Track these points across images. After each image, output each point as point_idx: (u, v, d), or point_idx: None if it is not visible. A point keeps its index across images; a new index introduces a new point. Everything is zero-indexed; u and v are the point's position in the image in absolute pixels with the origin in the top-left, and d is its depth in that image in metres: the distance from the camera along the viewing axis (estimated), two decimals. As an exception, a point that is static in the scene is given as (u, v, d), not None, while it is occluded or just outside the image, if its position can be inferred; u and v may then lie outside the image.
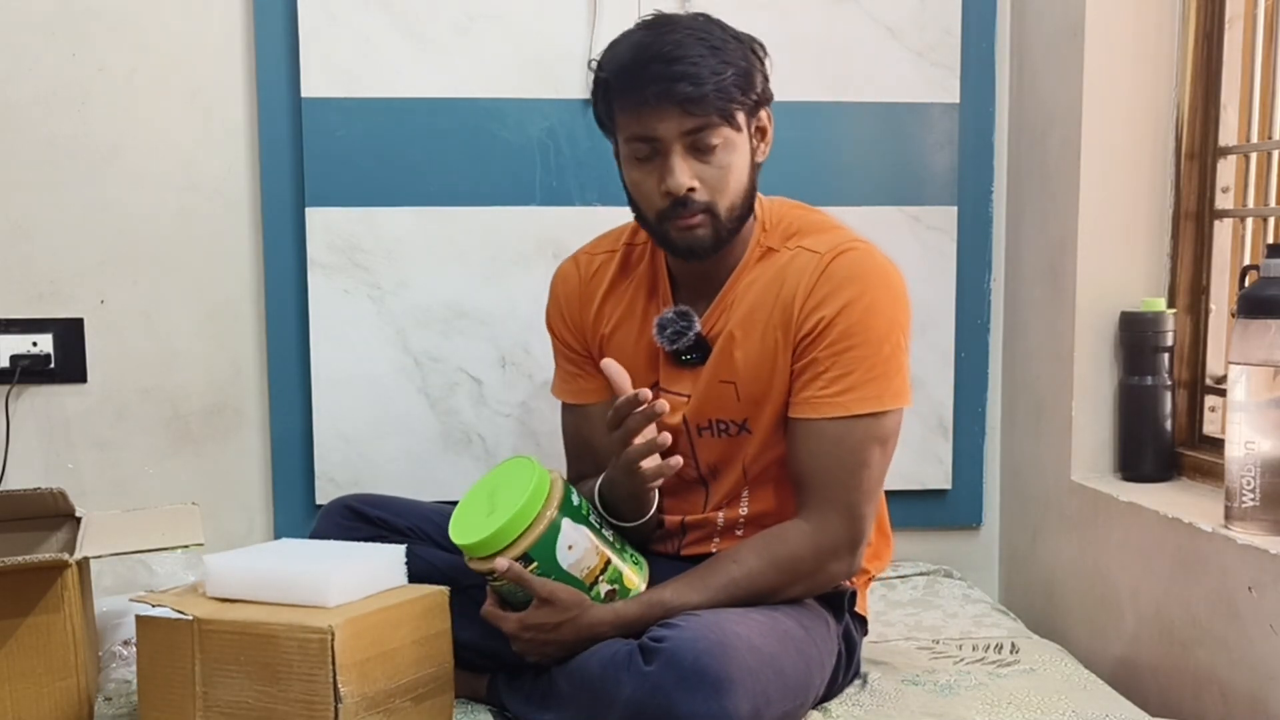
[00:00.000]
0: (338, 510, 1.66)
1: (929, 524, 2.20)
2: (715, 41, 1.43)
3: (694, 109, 1.40)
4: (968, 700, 1.55)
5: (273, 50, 2.00)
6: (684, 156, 1.43)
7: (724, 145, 1.44)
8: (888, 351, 1.46)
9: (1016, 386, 2.16)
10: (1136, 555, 1.77)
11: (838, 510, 1.47)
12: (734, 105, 1.43)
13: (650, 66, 1.40)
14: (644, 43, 1.43)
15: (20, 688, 1.42)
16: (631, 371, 1.50)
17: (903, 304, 1.50)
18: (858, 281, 1.46)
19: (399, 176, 2.02)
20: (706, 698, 1.26)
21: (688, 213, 1.45)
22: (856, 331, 1.45)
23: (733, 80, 1.42)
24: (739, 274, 1.54)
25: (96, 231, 2.01)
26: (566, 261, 1.69)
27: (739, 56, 1.45)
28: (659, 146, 1.43)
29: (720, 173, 1.45)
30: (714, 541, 1.59)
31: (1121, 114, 1.89)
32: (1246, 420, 1.54)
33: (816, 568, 1.48)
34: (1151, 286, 1.92)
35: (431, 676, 1.44)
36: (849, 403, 1.45)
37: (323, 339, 2.04)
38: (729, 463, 1.57)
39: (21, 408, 2.02)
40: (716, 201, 1.45)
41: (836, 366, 1.46)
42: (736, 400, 1.53)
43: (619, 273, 1.63)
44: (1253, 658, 1.51)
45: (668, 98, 1.40)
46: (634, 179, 1.48)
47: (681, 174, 1.43)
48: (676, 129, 1.42)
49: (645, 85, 1.40)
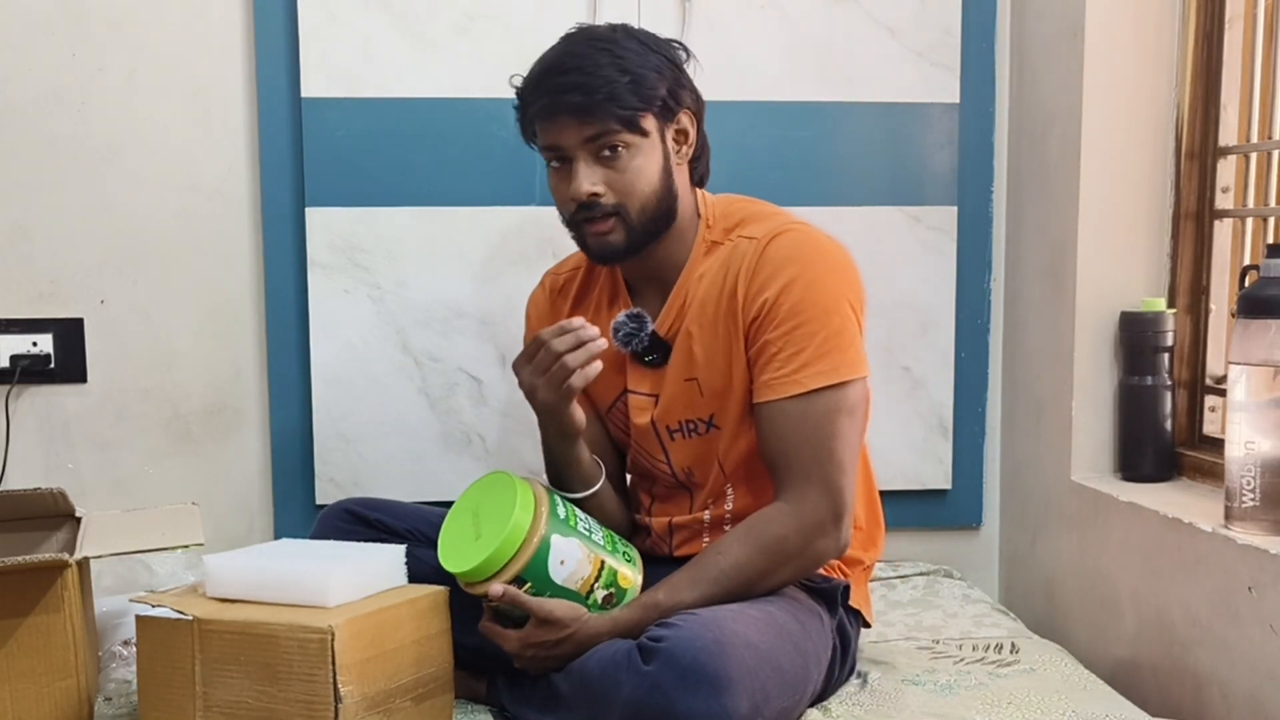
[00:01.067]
0: (336, 514, 1.67)
1: (929, 524, 2.20)
2: (618, 50, 1.47)
3: (587, 117, 1.45)
4: (968, 700, 1.55)
5: (273, 50, 2.00)
6: (589, 163, 1.48)
7: (629, 150, 1.48)
8: (837, 324, 1.48)
9: (1016, 386, 2.16)
10: (1136, 555, 1.77)
11: (814, 485, 1.47)
12: (631, 110, 1.46)
13: (546, 79, 1.47)
14: (548, 57, 1.50)
15: (20, 688, 1.42)
16: (602, 378, 1.53)
17: (846, 276, 1.52)
18: (796, 260, 1.49)
19: (399, 176, 2.02)
20: (706, 696, 1.27)
21: (597, 216, 1.49)
22: (802, 309, 1.47)
23: (628, 86, 1.45)
24: (687, 271, 1.57)
25: (96, 231, 2.01)
26: (538, 285, 1.75)
27: (640, 63, 1.48)
28: (565, 155, 1.49)
29: (626, 176, 1.48)
30: (704, 540, 1.60)
31: (1121, 114, 1.89)
32: (1246, 420, 1.54)
33: (803, 546, 1.48)
34: (1151, 286, 1.92)
35: (431, 676, 1.44)
36: (805, 379, 1.47)
37: (323, 339, 2.04)
38: (704, 462, 1.59)
39: (21, 408, 2.02)
40: (625, 204, 1.49)
41: (789, 345, 1.48)
42: (700, 396, 1.56)
43: (583, 286, 1.68)
44: (1253, 658, 1.51)
45: (561, 108, 1.46)
46: (551, 186, 1.55)
47: (583, 179, 1.48)
48: (577, 137, 1.47)
49: (543, 97, 1.47)
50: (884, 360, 2.11)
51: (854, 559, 1.63)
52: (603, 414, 1.69)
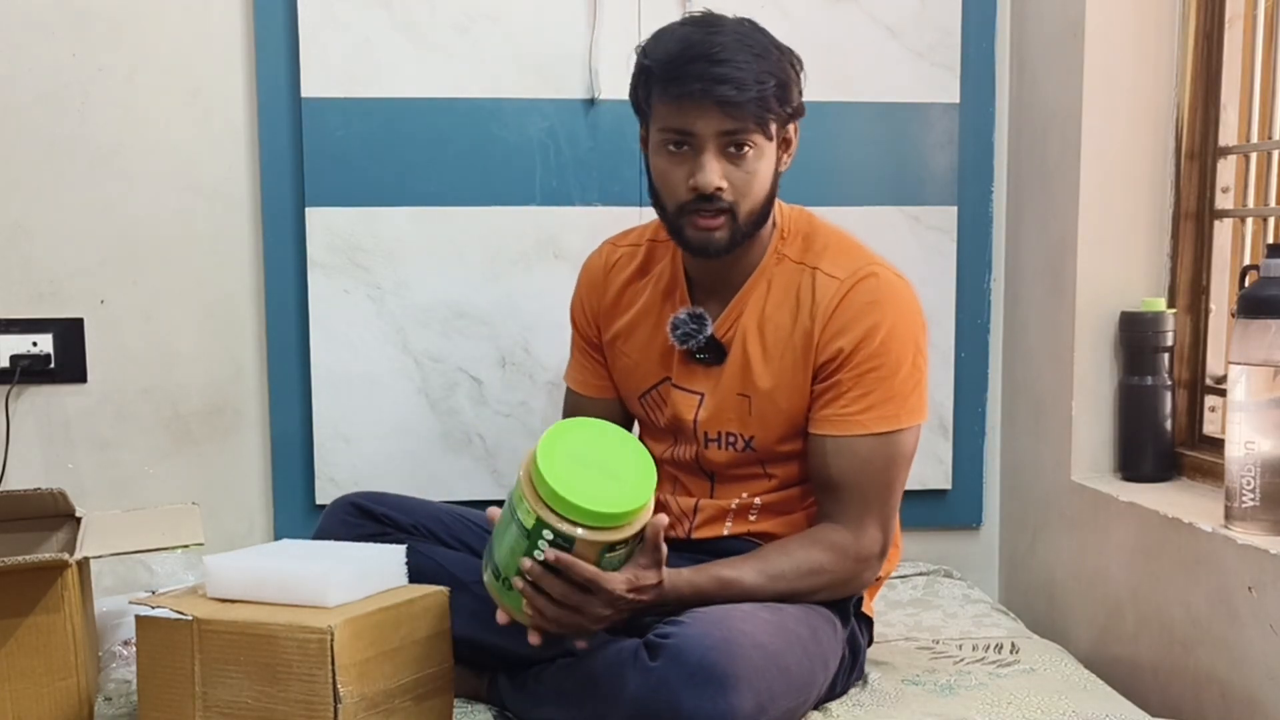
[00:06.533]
0: (343, 507, 1.67)
1: (929, 524, 2.20)
2: (759, 49, 1.46)
3: (734, 112, 1.43)
4: (968, 700, 1.55)
5: (273, 50, 2.00)
6: (716, 156, 1.46)
7: (755, 152, 1.47)
8: (905, 372, 1.51)
9: (1016, 386, 2.16)
10: (1136, 555, 1.77)
11: (874, 521, 1.52)
12: (770, 115, 1.46)
13: (696, 64, 1.43)
14: (692, 39, 1.45)
15: (20, 688, 1.42)
16: (644, 367, 1.55)
17: (920, 325, 1.54)
18: (877, 309, 1.50)
19: (399, 176, 2.02)
20: (712, 694, 1.27)
21: (710, 211, 1.48)
22: (878, 355, 1.50)
23: (773, 90, 1.45)
24: (755, 280, 1.57)
25: (96, 231, 2.01)
26: (595, 251, 1.73)
27: (780, 68, 1.48)
28: (693, 142, 1.46)
29: (748, 177, 1.48)
30: (725, 525, 1.61)
31: (1121, 114, 1.89)
32: (1246, 420, 1.54)
33: (854, 575, 1.52)
34: (1151, 286, 1.92)
35: (431, 676, 1.44)
36: (869, 421, 1.50)
37: (323, 339, 2.04)
38: (734, 467, 1.60)
39: (21, 408, 2.02)
40: (739, 204, 1.48)
41: (858, 387, 1.50)
42: (749, 415, 1.56)
43: (640, 267, 1.66)
44: (1253, 658, 1.51)
45: (710, 97, 1.42)
46: (661, 168, 1.51)
47: (712, 173, 1.45)
48: (714, 128, 1.45)
49: (689, 81, 1.43)
50: (884, 360, 2.11)
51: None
52: (630, 397, 1.68)
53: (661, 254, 1.65)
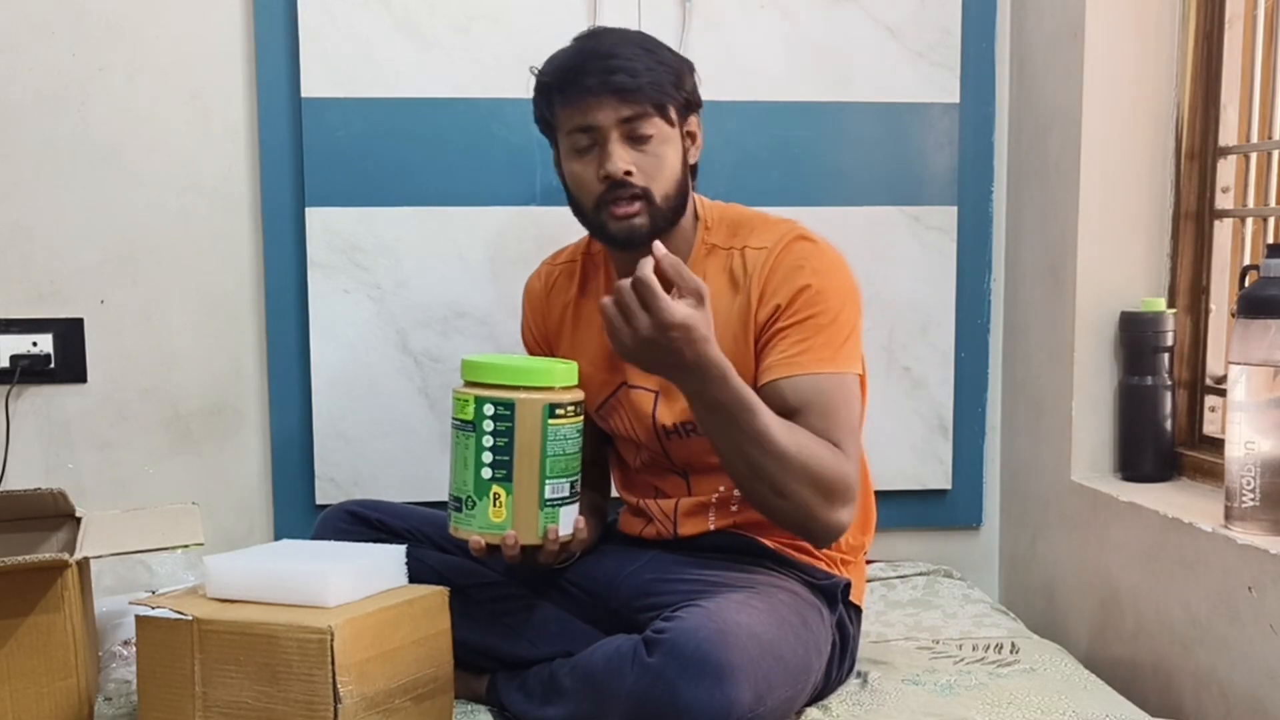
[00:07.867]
0: (337, 515, 1.69)
1: (929, 524, 2.20)
2: (650, 46, 1.54)
3: (630, 97, 1.49)
4: (968, 700, 1.55)
5: (273, 50, 2.00)
6: (621, 143, 1.51)
7: (658, 136, 1.52)
8: (841, 321, 1.53)
9: (1016, 386, 2.16)
10: (1136, 555, 1.77)
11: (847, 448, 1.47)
12: (666, 98, 1.52)
13: (591, 62, 1.51)
14: (586, 47, 1.54)
15: (20, 688, 1.42)
16: (595, 374, 1.59)
17: (851, 285, 1.57)
18: (808, 265, 1.54)
19: (399, 176, 2.02)
20: (710, 686, 1.28)
21: (625, 197, 1.51)
22: (812, 303, 1.52)
23: (667, 75, 1.52)
24: None
25: (96, 231, 2.01)
26: (534, 274, 1.77)
27: (674, 59, 1.56)
28: (597, 135, 1.51)
29: (655, 160, 1.52)
30: (709, 519, 1.61)
31: (1121, 114, 1.89)
32: (1246, 420, 1.54)
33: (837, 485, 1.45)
34: (1151, 286, 1.92)
35: (431, 676, 1.44)
36: (809, 362, 1.50)
37: (323, 339, 2.04)
38: (702, 456, 1.60)
39: (21, 408, 2.02)
40: (652, 188, 1.52)
41: (797, 333, 1.52)
42: None
43: (580, 284, 1.70)
44: (1253, 658, 1.51)
45: (607, 88, 1.49)
46: (574, 171, 1.55)
47: (619, 158, 1.50)
48: (614, 116, 1.49)
49: (586, 78, 1.50)
50: (884, 360, 2.11)
51: (854, 545, 1.65)
52: (591, 410, 1.68)
53: (595, 265, 1.69)
